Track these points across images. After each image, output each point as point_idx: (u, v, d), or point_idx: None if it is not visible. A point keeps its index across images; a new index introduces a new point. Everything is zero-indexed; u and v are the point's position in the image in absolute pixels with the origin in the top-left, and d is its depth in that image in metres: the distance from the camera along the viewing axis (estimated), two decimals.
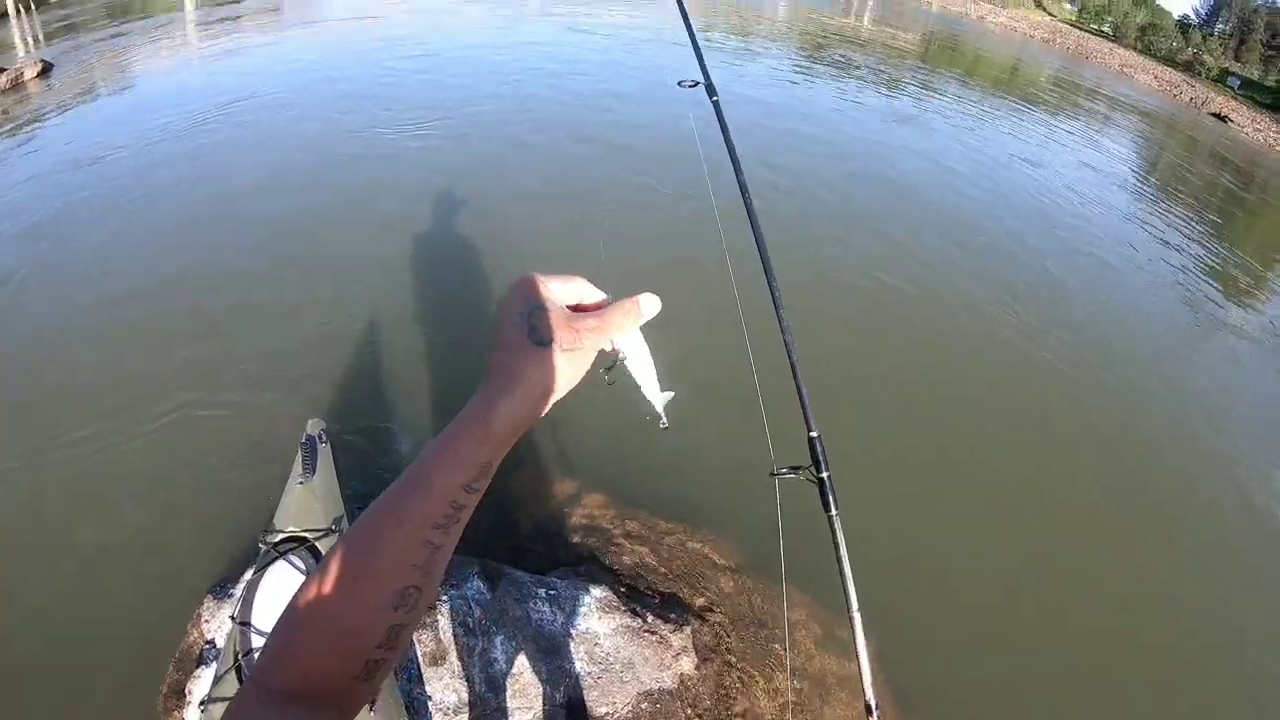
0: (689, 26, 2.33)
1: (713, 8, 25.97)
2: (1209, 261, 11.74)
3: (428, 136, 8.14)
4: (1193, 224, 14.52)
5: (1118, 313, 7.76)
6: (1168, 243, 11.49)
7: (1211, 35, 52.08)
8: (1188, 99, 39.98)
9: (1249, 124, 36.99)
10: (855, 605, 1.41)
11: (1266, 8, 51.40)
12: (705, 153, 1.99)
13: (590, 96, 10.72)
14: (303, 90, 9.73)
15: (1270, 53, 48.29)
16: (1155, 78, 43.23)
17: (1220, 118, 37.50)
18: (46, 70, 12.33)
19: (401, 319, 4.96)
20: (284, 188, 6.70)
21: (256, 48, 13.65)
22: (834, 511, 1.47)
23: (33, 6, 20.96)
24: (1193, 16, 56.12)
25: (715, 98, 2.08)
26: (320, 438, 2.79)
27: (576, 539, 3.55)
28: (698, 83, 2.12)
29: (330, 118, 8.53)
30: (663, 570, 3.46)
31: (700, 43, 2.29)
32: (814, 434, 1.55)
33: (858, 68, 20.00)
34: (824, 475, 1.51)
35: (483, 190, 6.84)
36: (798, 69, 18.38)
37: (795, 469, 1.53)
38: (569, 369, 0.62)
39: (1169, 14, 56.25)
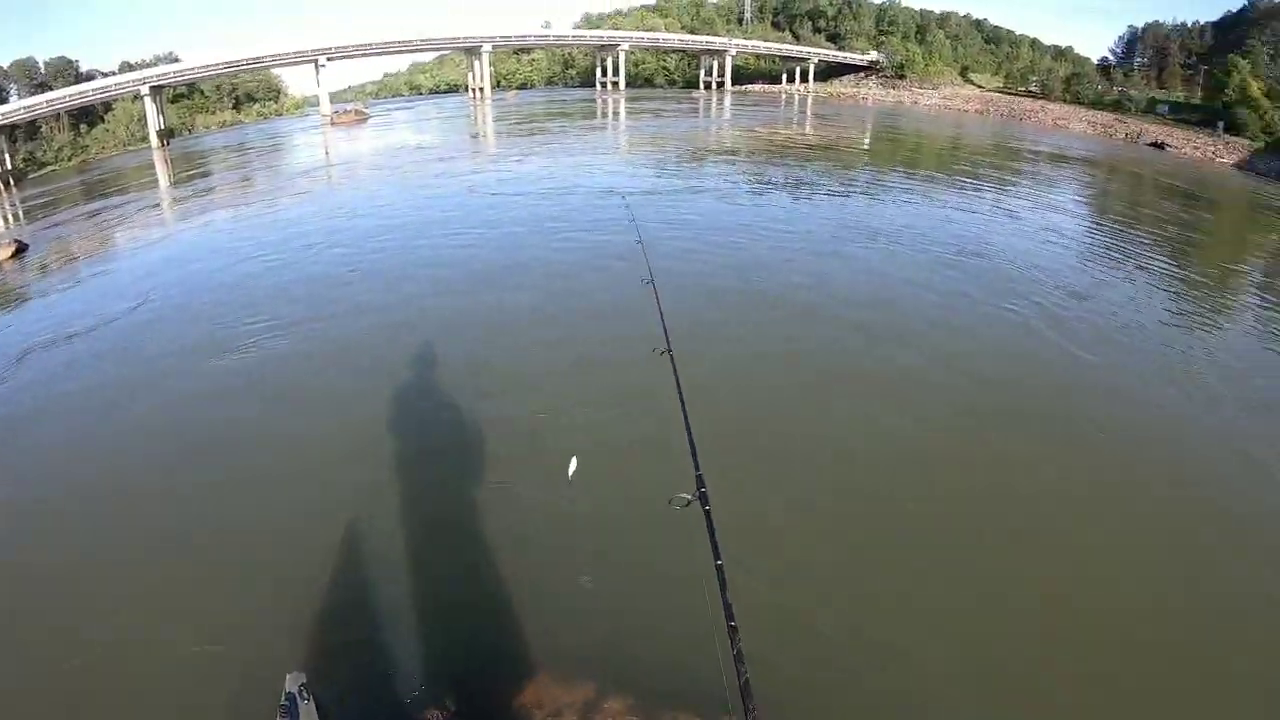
0: None
1: (663, 136, 27.18)
2: (1174, 271, 12.68)
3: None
4: (1156, 243, 15.32)
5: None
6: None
7: (1133, 70, 54.81)
8: (1123, 135, 41.88)
9: (1186, 144, 38.81)
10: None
11: (1176, 30, 54.34)
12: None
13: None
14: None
15: (1189, 72, 50.79)
16: (1089, 123, 45.34)
17: (1159, 145, 39.31)
18: (20, 251, 12.64)
19: (389, 553, 4.61)
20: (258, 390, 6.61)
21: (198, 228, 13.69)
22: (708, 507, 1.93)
23: (12, 184, 21.62)
24: (1111, 57, 59.23)
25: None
26: (302, 694, 2.64)
27: None
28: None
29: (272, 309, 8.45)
30: None
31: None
32: (699, 472, 2.11)
33: (809, 176, 20.09)
34: (703, 490, 2.05)
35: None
36: (747, 181, 18.38)
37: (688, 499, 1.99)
38: None
39: (1089, 60, 59.36)
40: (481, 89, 51.75)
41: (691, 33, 62.06)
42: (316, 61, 43.25)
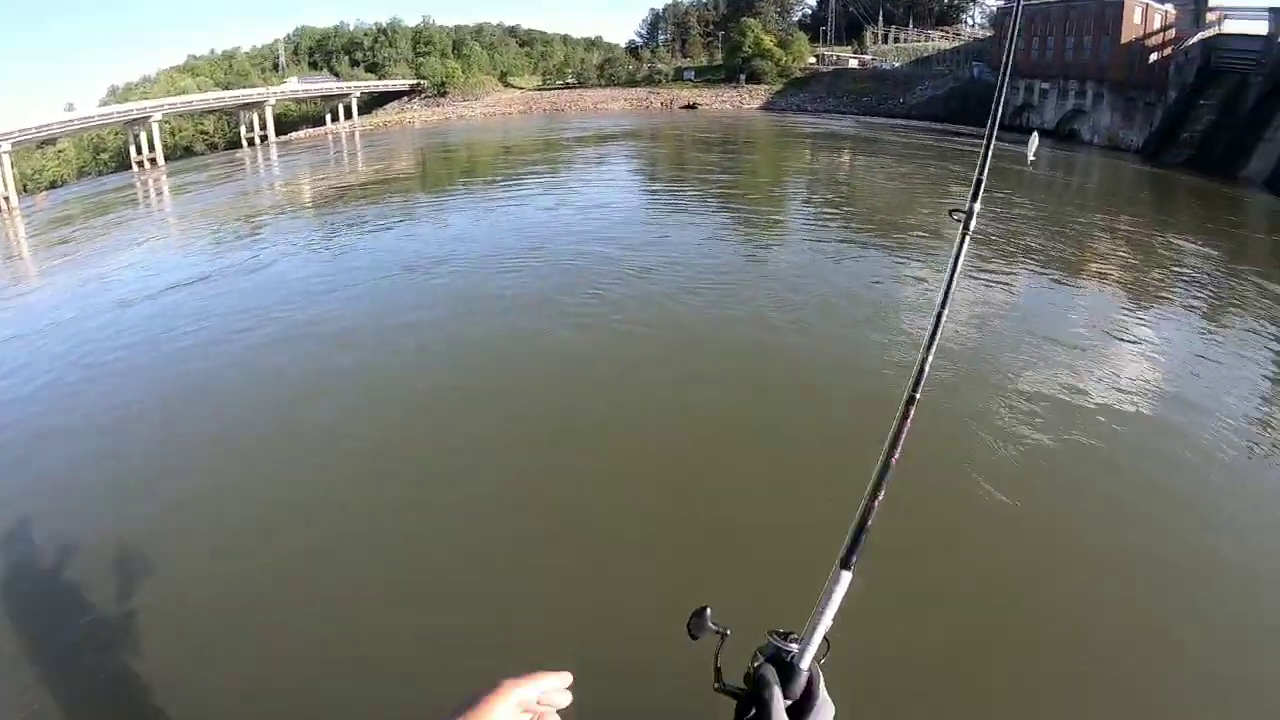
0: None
1: (207, 210, 24.23)
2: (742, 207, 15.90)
3: None
4: (710, 185, 17.90)
5: None
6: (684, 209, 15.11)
7: (659, 47, 60.06)
8: (659, 104, 45.65)
9: (715, 101, 43.37)
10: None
11: (694, 5, 60.81)
12: None
13: None
14: None
15: (709, 40, 57.20)
16: (627, 100, 48.68)
17: (692, 107, 43.33)
18: None
19: None
20: None
21: None
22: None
23: None
24: (638, 39, 64.50)
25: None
26: None
27: None
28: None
29: None
30: None
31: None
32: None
33: (357, 218, 19.68)
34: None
35: None
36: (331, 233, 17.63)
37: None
38: None
39: (618, 46, 63.96)
40: (6, 199, 38.68)
41: (226, 88, 54.80)
42: None
